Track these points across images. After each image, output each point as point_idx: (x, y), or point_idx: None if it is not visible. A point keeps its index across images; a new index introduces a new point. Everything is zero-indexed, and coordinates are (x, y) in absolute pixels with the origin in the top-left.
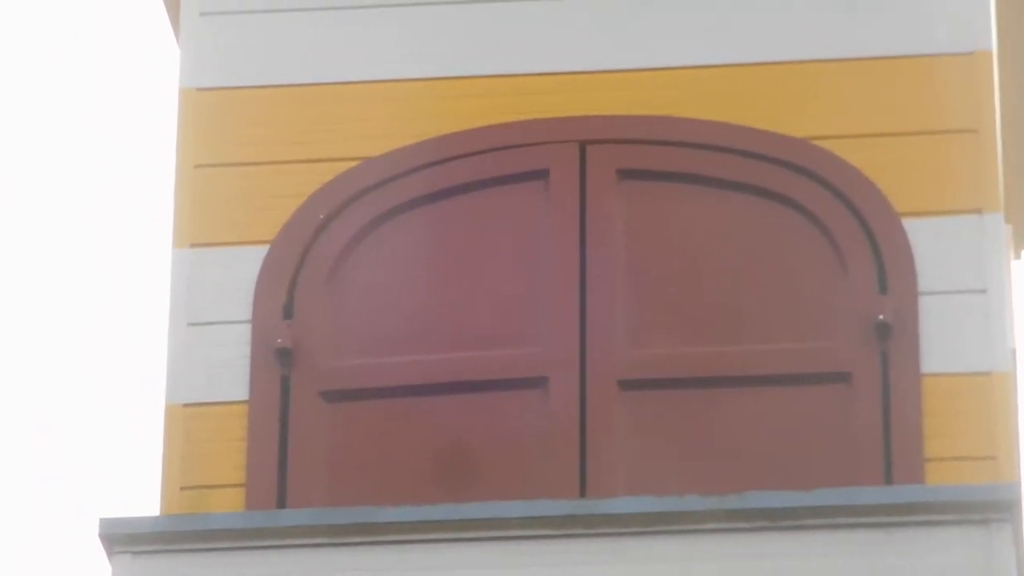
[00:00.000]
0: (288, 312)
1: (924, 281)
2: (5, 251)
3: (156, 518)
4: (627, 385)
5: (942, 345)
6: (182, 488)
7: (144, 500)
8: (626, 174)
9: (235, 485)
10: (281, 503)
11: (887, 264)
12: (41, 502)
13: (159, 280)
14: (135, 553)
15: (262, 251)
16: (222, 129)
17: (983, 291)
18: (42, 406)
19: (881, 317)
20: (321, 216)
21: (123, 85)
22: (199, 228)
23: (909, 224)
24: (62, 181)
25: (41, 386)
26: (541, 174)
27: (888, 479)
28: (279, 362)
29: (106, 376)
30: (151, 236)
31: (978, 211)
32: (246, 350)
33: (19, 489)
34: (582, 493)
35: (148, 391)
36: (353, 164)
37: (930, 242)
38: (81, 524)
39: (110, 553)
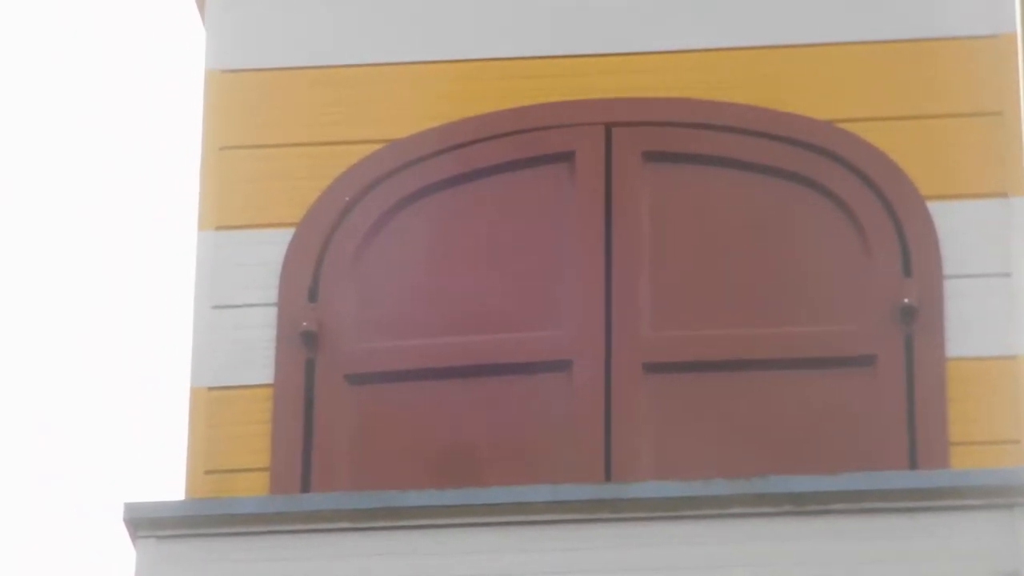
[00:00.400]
0: (313, 295)
1: (949, 264)
2: (33, 235)
3: (180, 502)
4: (652, 368)
5: (967, 329)
6: (206, 472)
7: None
8: (651, 156)
9: (259, 469)
10: (305, 487)
11: (912, 247)
12: (67, 486)
13: (185, 263)
14: (160, 537)
15: (287, 234)
16: (248, 111)
17: (1008, 275)
18: (67, 391)
19: (906, 300)
20: (346, 199)
21: (149, 67)
22: (224, 210)
23: (934, 207)
24: (89, 163)
25: (67, 370)
26: (566, 156)
27: (913, 463)
28: (304, 345)
29: (131, 359)
30: (177, 218)
31: (1003, 194)
32: (271, 333)
33: (45, 474)
34: (607, 477)
35: (173, 374)
36: (378, 147)
37: (955, 225)
38: (106, 508)
39: (134, 537)
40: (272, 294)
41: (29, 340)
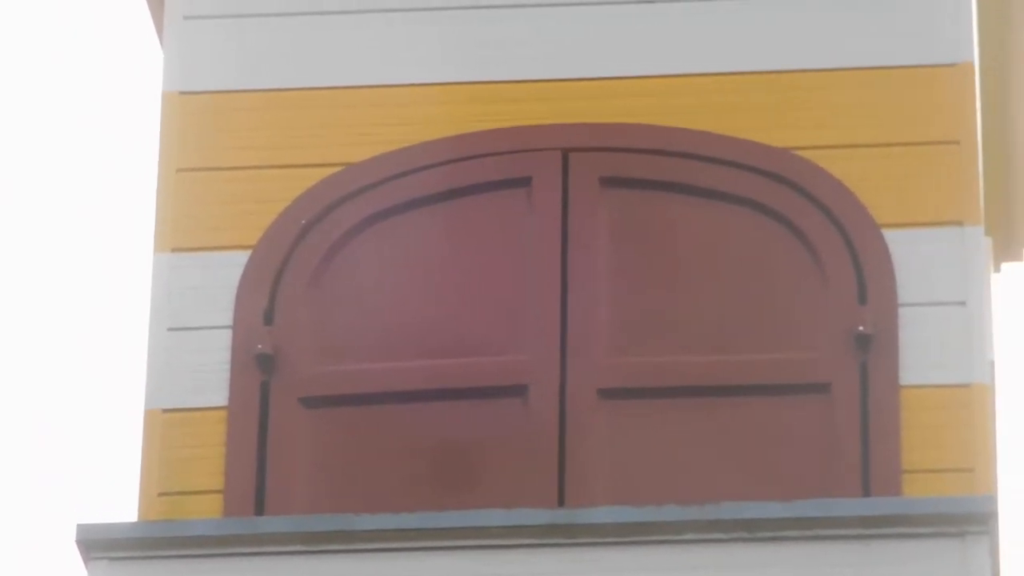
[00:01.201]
0: (269, 318)
1: (904, 293)
2: None
3: (134, 524)
4: (607, 394)
5: (921, 357)
6: (160, 494)
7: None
8: (609, 182)
9: (213, 491)
10: (259, 510)
11: (867, 275)
12: (19, 507)
13: (140, 285)
14: (112, 559)
15: (244, 256)
16: (205, 133)
17: (963, 303)
18: (21, 411)
19: (861, 328)
20: (303, 222)
21: (106, 88)
22: (181, 233)
23: (890, 235)
24: (44, 184)
25: (20, 390)
26: (524, 181)
27: (866, 491)
28: (259, 368)
29: (85, 380)
30: (133, 240)
31: (959, 223)
32: (226, 356)
33: None
34: (561, 502)
35: (128, 396)
36: (336, 169)
37: (910, 254)
38: (59, 529)
39: (87, 559)
40: (228, 317)
41: None
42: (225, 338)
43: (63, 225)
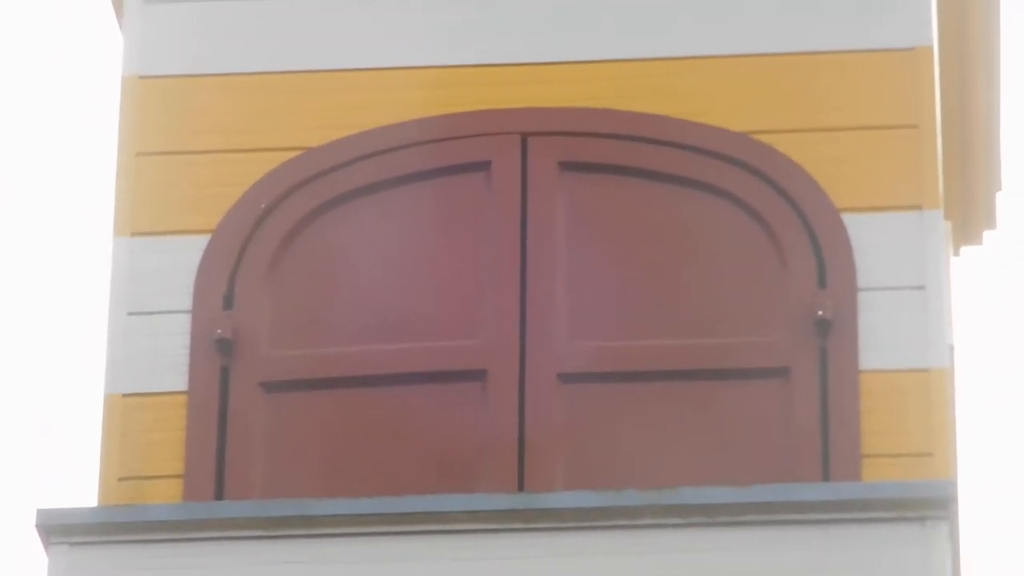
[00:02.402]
0: (228, 302)
1: (863, 277)
2: None
3: (93, 509)
4: (567, 378)
5: (880, 341)
6: (120, 479)
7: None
8: (568, 166)
9: (173, 476)
10: (219, 495)
11: (826, 259)
12: None
13: (100, 268)
14: (72, 544)
15: (203, 240)
16: (164, 117)
17: (922, 287)
18: None
19: (820, 312)
20: (262, 206)
21: (66, 72)
22: (140, 217)
23: (849, 219)
24: (4, 168)
25: None
26: (483, 165)
27: (825, 475)
28: (219, 352)
29: (45, 365)
30: (93, 224)
31: (918, 207)
32: (186, 340)
33: None
34: (520, 487)
35: (87, 380)
36: (295, 154)
37: (869, 238)
38: (18, 514)
39: (47, 544)
40: (187, 301)
41: None
42: (185, 322)
43: (23, 209)
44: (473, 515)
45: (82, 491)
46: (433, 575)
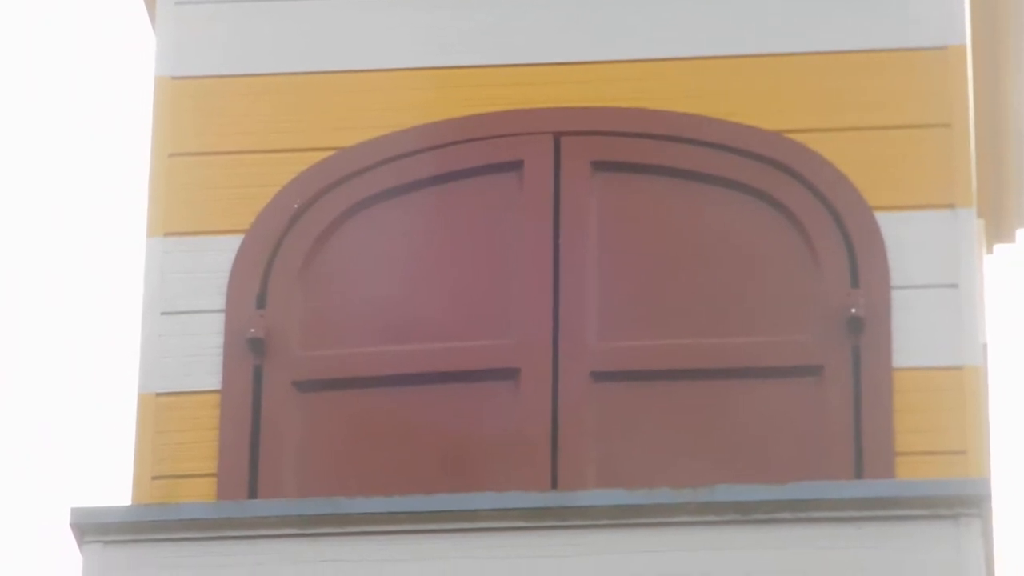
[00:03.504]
0: (261, 302)
1: (896, 275)
2: None
3: (127, 507)
4: (599, 377)
5: (913, 339)
6: (154, 478)
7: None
8: (600, 166)
9: (207, 475)
10: (252, 493)
11: (859, 258)
12: (13, 491)
13: (134, 269)
14: (106, 542)
15: (236, 240)
16: (197, 118)
17: (955, 286)
18: (14, 395)
19: (853, 311)
20: (295, 206)
21: (99, 73)
22: (173, 217)
23: (882, 218)
24: (38, 169)
25: (14, 375)
26: (515, 165)
27: (859, 473)
28: (252, 352)
29: (79, 365)
30: (126, 224)
31: (951, 206)
32: (219, 340)
33: None
34: (553, 485)
35: (122, 380)
36: (328, 154)
37: (902, 236)
38: (53, 513)
39: (81, 542)
40: (220, 301)
41: None
42: (218, 322)
43: (57, 210)
44: (506, 513)
45: (116, 490)
46: (465, 573)
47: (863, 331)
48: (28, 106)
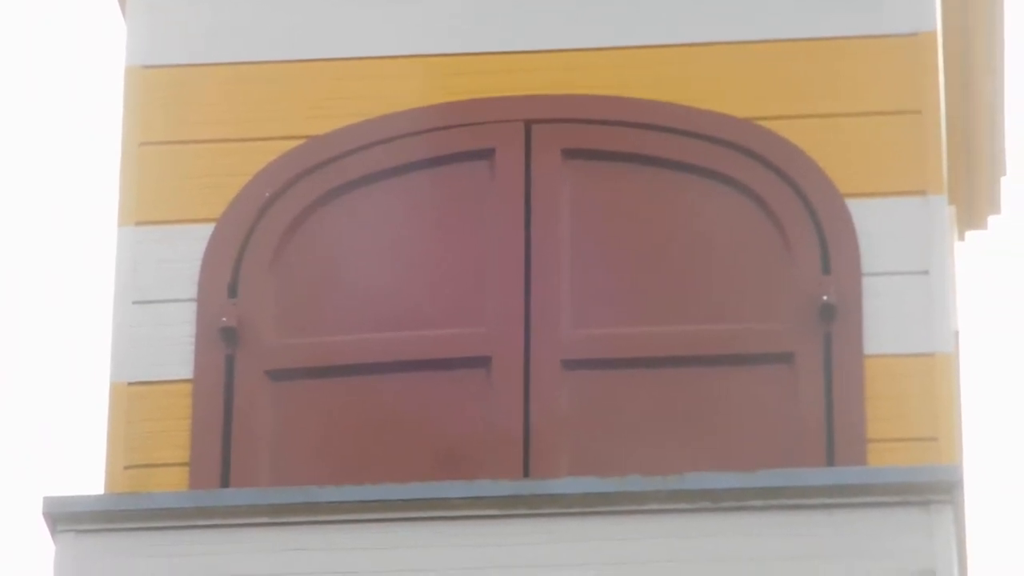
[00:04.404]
0: (233, 291)
1: (868, 262)
2: None
3: (100, 496)
4: (571, 365)
5: (885, 326)
6: (126, 467)
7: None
8: (571, 153)
9: (179, 464)
10: (225, 482)
11: (831, 245)
12: None
13: (105, 258)
14: (79, 531)
15: (207, 229)
16: (168, 107)
17: (926, 272)
18: None
19: (825, 298)
20: (267, 195)
21: (69, 63)
22: (144, 206)
23: (853, 205)
24: (9, 159)
25: None
26: (486, 153)
27: (830, 460)
28: (224, 341)
29: (51, 354)
30: (97, 214)
31: (922, 192)
32: (191, 329)
33: None
34: (525, 473)
35: (93, 369)
36: (298, 143)
37: (874, 223)
38: (25, 502)
39: (53, 531)
40: (192, 290)
41: None
42: (190, 311)
43: (27, 200)
44: (478, 501)
45: (88, 479)
46: (438, 561)
47: (834, 318)
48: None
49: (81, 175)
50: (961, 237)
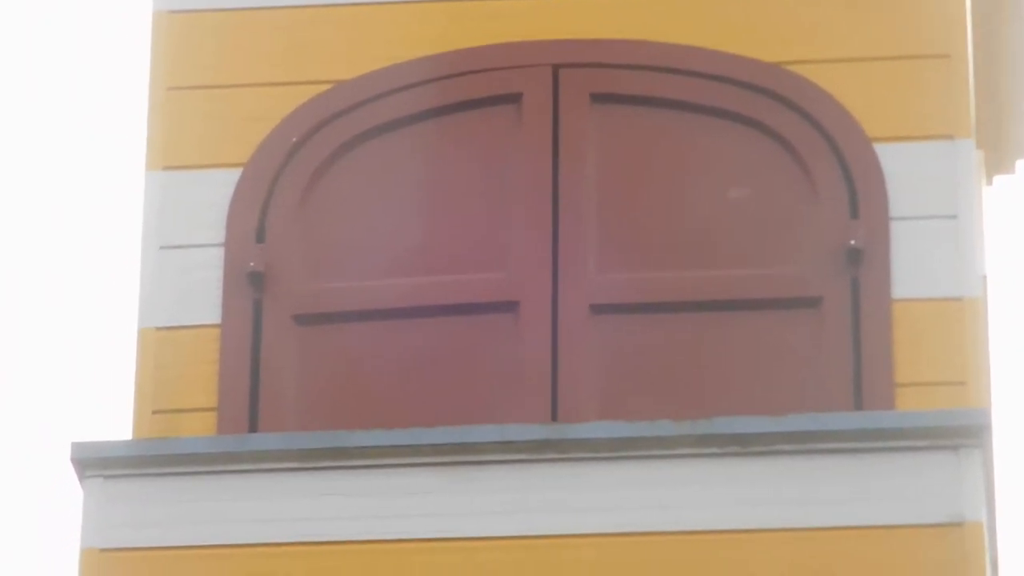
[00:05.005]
0: (260, 236)
1: (895, 206)
2: None
3: (128, 442)
4: (598, 309)
5: (913, 270)
6: (154, 412)
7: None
8: (599, 98)
9: (207, 409)
10: (253, 427)
11: (858, 189)
12: (14, 426)
13: (132, 203)
14: (107, 477)
15: (235, 174)
16: (195, 52)
17: (954, 217)
18: (15, 331)
19: (852, 242)
20: (294, 139)
21: (96, 8)
22: (172, 151)
23: (881, 149)
24: (37, 103)
25: (13, 311)
26: (514, 98)
27: (858, 405)
28: (251, 286)
29: (78, 299)
30: (125, 158)
31: (950, 137)
32: (218, 273)
33: None
34: (553, 418)
35: (121, 314)
36: (326, 87)
37: (902, 167)
38: (54, 447)
39: (82, 477)
40: (220, 234)
41: None
42: (217, 256)
43: (55, 146)
44: (506, 446)
45: (117, 425)
46: (466, 506)
47: (862, 263)
48: (24, 44)
49: (110, 120)
50: (989, 181)
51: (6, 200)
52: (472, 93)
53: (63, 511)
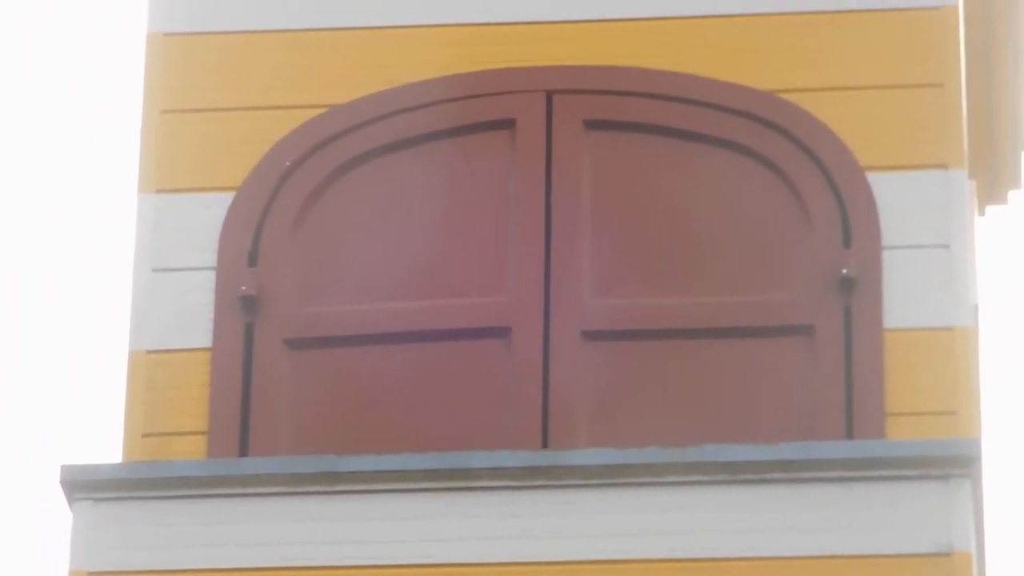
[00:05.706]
0: (253, 259)
1: (888, 235)
2: None
3: (118, 465)
4: (590, 336)
5: (905, 300)
6: (144, 435)
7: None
8: (593, 125)
9: (197, 433)
10: (243, 451)
11: (851, 218)
12: (3, 448)
13: (125, 226)
14: (96, 500)
15: (228, 197)
16: (189, 74)
17: (946, 246)
18: (5, 352)
19: (845, 271)
20: (287, 163)
21: (91, 30)
22: (165, 174)
23: (874, 178)
24: (30, 125)
25: (4, 332)
26: (508, 123)
27: (849, 433)
28: (243, 309)
29: (70, 322)
30: (117, 181)
31: (943, 166)
32: (210, 297)
33: None
34: (544, 444)
35: (112, 337)
36: (320, 111)
37: (894, 196)
38: (43, 470)
39: (71, 499)
40: (212, 258)
41: None
42: (209, 279)
43: (49, 168)
44: (497, 472)
45: (107, 447)
46: (457, 532)
47: (854, 291)
48: (19, 63)
49: (103, 143)
50: (981, 211)
51: (1, 224)
52: (466, 118)
53: (52, 534)
